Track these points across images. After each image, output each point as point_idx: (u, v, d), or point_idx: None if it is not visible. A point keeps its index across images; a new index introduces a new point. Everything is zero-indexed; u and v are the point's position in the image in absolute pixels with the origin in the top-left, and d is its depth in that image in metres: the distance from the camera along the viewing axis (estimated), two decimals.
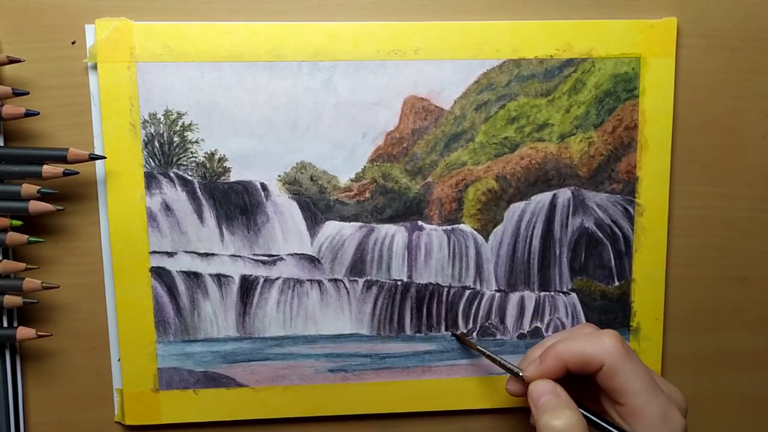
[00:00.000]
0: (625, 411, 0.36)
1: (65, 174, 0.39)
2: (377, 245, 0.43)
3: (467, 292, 0.44)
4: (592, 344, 0.36)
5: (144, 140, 0.41)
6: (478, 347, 0.42)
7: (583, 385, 0.38)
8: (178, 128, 0.41)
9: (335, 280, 0.43)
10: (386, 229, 0.43)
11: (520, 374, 0.38)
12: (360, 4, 0.41)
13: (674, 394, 0.37)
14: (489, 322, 0.44)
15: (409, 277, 0.43)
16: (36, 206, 0.39)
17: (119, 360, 0.43)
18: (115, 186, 0.41)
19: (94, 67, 0.40)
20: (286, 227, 0.42)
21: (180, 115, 0.41)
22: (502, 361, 0.40)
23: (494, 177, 0.43)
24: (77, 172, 0.39)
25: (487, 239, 0.44)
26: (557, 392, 0.36)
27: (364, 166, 0.42)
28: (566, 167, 0.43)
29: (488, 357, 0.41)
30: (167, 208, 0.42)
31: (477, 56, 0.42)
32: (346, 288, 0.43)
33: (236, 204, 0.42)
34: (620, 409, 0.36)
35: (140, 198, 0.41)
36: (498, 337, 0.44)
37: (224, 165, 0.41)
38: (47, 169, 0.39)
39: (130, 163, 0.41)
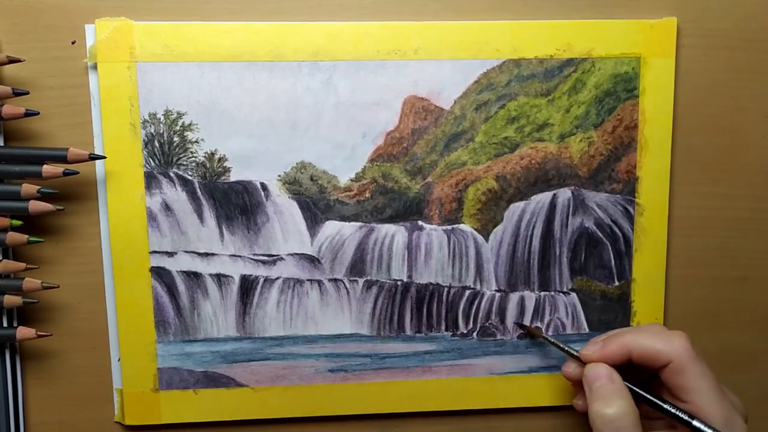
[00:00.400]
0: (688, 409, 0.36)
1: (65, 174, 0.39)
2: (377, 245, 0.43)
3: (467, 292, 0.44)
4: (662, 340, 0.37)
5: (144, 140, 0.41)
6: (541, 334, 0.43)
7: (641, 377, 0.39)
8: (178, 128, 0.41)
9: (335, 280, 0.43)
10: (386, 229, 0.43)
11: (578, 354, 0.39)
12: (360, 4, 0.41)
13: (736, 402, 0.38)
14: (489, 322, 0.44)
15: (409, 277, 0.43)
16: (36, 206, 0.39)
17: (119, 360, 0.43)
18: (115, 186, 0.41)
19: (94, 67, 0.40)
20: (286, 227, 0.42)
21: (180, 115, 0.41)
22: (559, 343, 0.41)
23: (494, 177, 0.43)
24: (77, 172, 0.39)
25: (487, 239, 0.44)
26: (612, 378, 0.37)
27: (364, 166, 0.42)
28: (566, 167, 0.43)
29: (545, 339, 0.43)
30: (167, 208, 0.42)
31: (477, 56, 0.42)
32: (346, 288, 0.43)
33: (236, 204, 0.42)
34: (683, 406, 0.37)
35: (140, 198, 0.41)
36: (498, 337, 0.44)
37: (224, 165, 0.41)
38: (47, 169, 0.39)
39: (130, 163, 0.41)
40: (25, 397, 0.43)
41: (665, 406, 0.37)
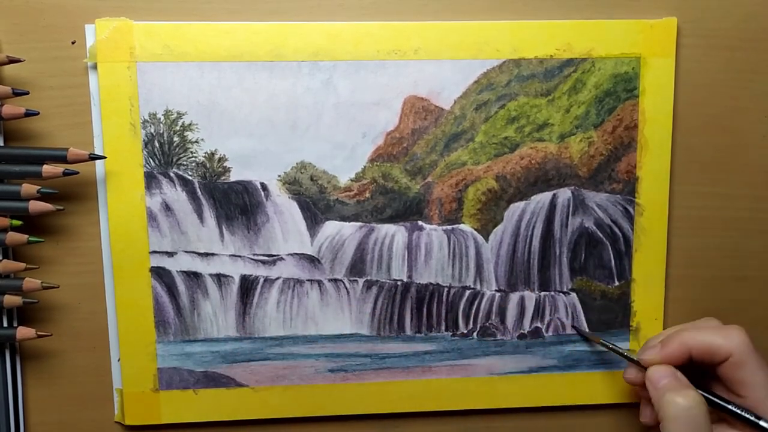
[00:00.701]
0: (745, 403, 0.37)
1: (65, 174, 0.39)
2: (377, 245, 0.43)
3: (467, 292, 0.44)
4: (721, 336, 0.37)
5: (144, 140, 0.41)
6: (595, 337, 0.43)
7: (696, 375, 0.39)
8: (178, 128, 0.41)
9: (335, 280, 0.43)
10: (386, 229, 0.43)
11: (638, 359, 0.39)
12: (360, 4, 0.41)
13: None
14: (489, 322, 0.44)
15: (409, 277, 0.43)
16: (36, 206, 0.39)
17: (119, 360, 0.43)
18: (115, 186, 0.41)
19: (94, 67, 0.40)
20: (286, 227, 0.42)
21: (180, 115, 0.41)
22: (619, 349, 0.41)
23: (494, 177, 0.43)
24: (77, 172, 0.39)
25: (487, 239, 0.44)
26: (677, 376, 0.38)
27: (364, 166, 0.42)
28: (566, 167, 0.43)
29: (604, 345, 0.42)
30: (167, 208, 0.42)
31: (477, 56, 0.42)
32: (346, 288, 0.43)
33: (236, 204, 0.42)
34: (740, 401, 0.37)
35: (140, 198, 0.41)
36: (498, 337, 0.44)
37: (224, 165, 0.41)
38: (47, 169, 0.39)
39: (130, 163, 0.41)
40: (25, 397, 0.43)
41: (730, 407, 0.37)
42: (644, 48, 0.42)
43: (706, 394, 0.38)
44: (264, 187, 0.42)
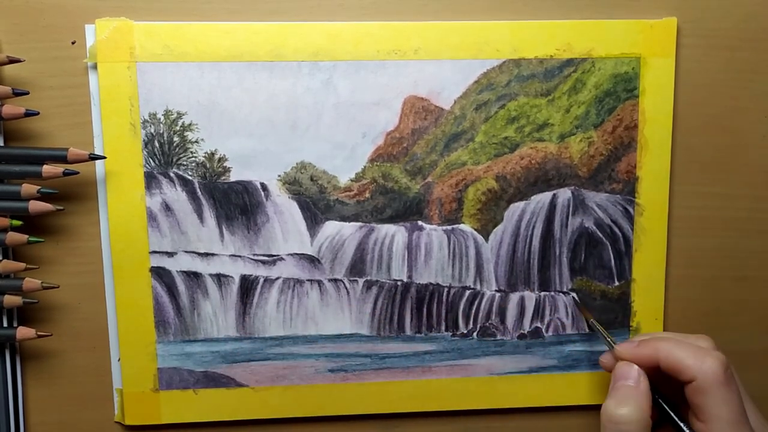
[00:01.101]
0: (704, 429, 0.35)
1: (65, 174, 0.39)
2: (377, 245, 0.43)
3: (467, 292, 0.44)
4: (693, 356, 0.36)
5: (144, 140, 0.41)
6: (588, 314, 0.43)
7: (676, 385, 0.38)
8: (178, 128, 0.41)
9: (335, 280, 0.43)
10: (386, 229, 0.43)
11: (614, 347, 0.39)
12: (360, 4, 0.41)
13: None
14: (489, 322, 0.44)
15: (409, 277, 0.43)
16: (36, 206, 0.39)
17: (119, 360, 0.43)
18: (115, 186, 0.41)
19: (94, 67, 0.40)
20: (286, 227, 0.42)
21: (180, 115, 0.41)
22: (603, 333, 0.41)
23: (494, 177, 0.43)
24: (77, 172, 0.39)
25: (487, 239, 0.44)
26: (639, 381, 0.37)
27: (364, 166, 0.42)
28: (566, 167, 0.43)
29: (594, 324, 0.42)
30: (167, 208, 0.42)
31: (477, 56, 0.42)
32: (346, 288, 0.43)
33: (236, 204, 0.42)
34: (700, 425, 0.36)
35: (140, 198, 0.41)
36: (498, 337, 0.44)
37: (224, 165, 0.41)
38: (47, 169, 0.39)
39: (130, 163, 0.41)
40: (25, 397, 0.43)
41: (683, 426, 0.36)
42: (644, 48, 0.42)
43: (666, 407, 0.37)
44: (264, 187, 0.42)
